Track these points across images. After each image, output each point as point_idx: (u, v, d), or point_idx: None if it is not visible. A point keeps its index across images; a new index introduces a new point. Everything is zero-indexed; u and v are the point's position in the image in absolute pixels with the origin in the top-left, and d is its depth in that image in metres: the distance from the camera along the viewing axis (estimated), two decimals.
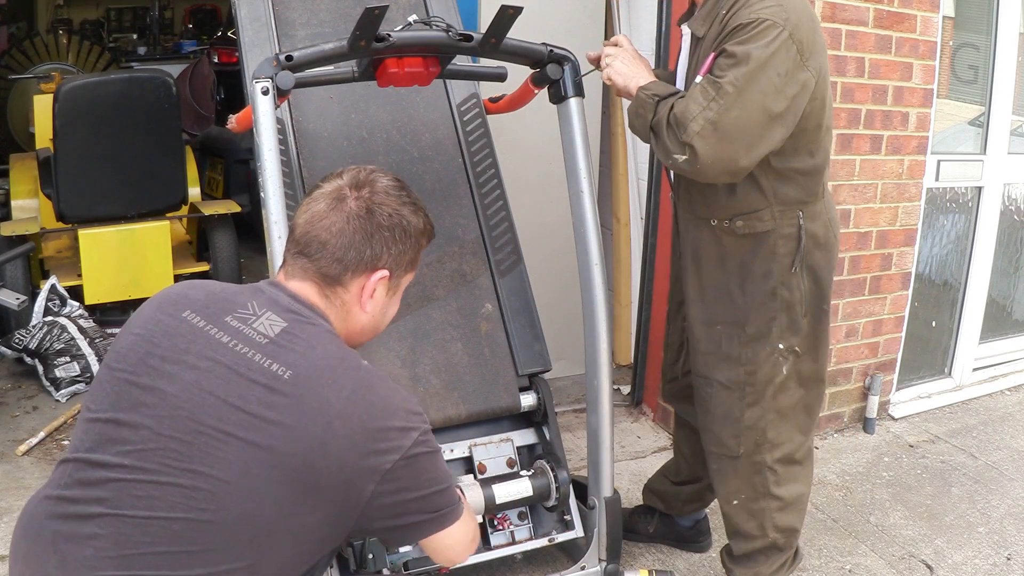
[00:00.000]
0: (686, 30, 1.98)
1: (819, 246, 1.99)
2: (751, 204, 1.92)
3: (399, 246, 1.40)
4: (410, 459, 1.26)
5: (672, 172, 2.11)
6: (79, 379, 3.46)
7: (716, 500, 2.35)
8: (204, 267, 4.10)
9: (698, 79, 1.77)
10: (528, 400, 2.35)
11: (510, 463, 2.32)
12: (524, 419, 2.40)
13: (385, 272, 1.40)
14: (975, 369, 3.85)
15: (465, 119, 2.60)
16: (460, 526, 1.38)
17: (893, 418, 3.50)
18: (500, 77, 2.44)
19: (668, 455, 2.74)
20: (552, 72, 2.16)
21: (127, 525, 1.19)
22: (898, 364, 3.48)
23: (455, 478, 1.43)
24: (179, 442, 1.21)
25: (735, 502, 2.12)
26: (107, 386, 1.30)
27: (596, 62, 2.07)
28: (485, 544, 2.24)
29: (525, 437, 2.39)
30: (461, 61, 2.35)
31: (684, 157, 1.76)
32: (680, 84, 2.02)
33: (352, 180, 1.40)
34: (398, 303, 1.50)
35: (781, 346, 1.99)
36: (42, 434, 3.08)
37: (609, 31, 3.50)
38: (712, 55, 1.78)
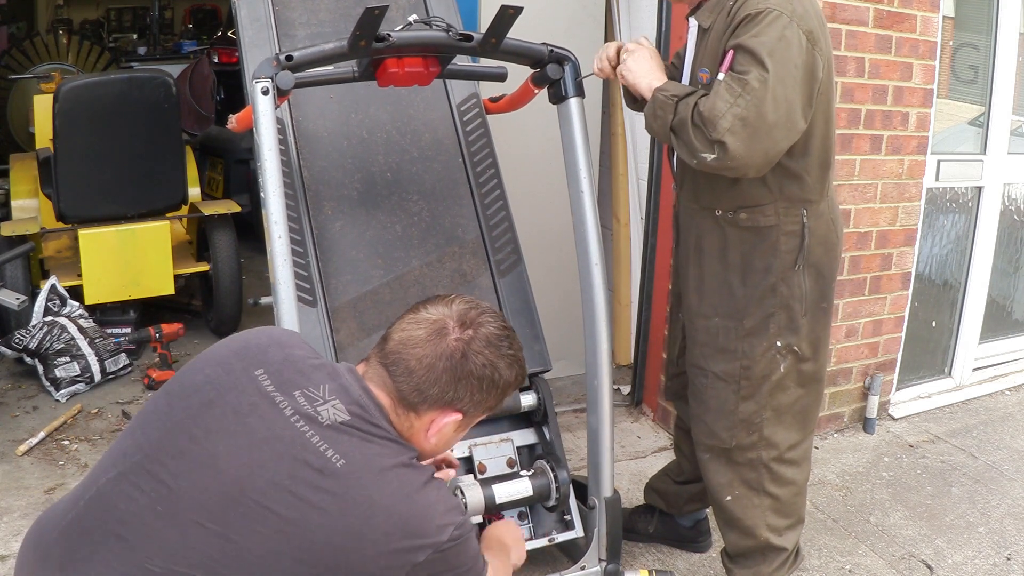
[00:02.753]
0: (693, 22, 1.99)
1: (821, 244, 1.99)
2: (756, 198, 1.93)
3: (482, 395, 1.38)
4: (443, 552, 1.28)
5: (675, 162, 2.11)
6: (79, 379, 3.46)
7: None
8: (204, 267, 4.10)
9: (720, 76, 1.78)
10: (528, 400, 2.35)
11: (510, 463, 2.32)
12: (524, 419, 2.40)
13: (459, 415, 1.38)
14: (975, 369, 3.85)
15: (465, 119, 2.60)
16: None
17: (893, 418, 3.50)
18: (500, 77, 2.44)
19: (668, 455, 2.74)
20: (552, 72, 2.16)
21: (139, 569, 1.19)
22: (898, 364, 3.48)
23: (481, 553, 1.46)
24: (217, 502, 1.21)
25: (729, 498, 2.12)
26: (162, 417, 1.29)
27: (609, 65, 2.07)
28: None
29: (525, 437, 2.39)
30: (461, 61, 2.35)
31: (713, 155, 1.76)
32: (686, 74, 2.03)
33: (460, 316, 1.37)
34: (463, 435, 1.48)
35: (779, 343, 2.00)
36: (42, 434, 3.09)
37: (609, 31, 3.51)
38: (730, 52, 1.78)
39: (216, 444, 1.24)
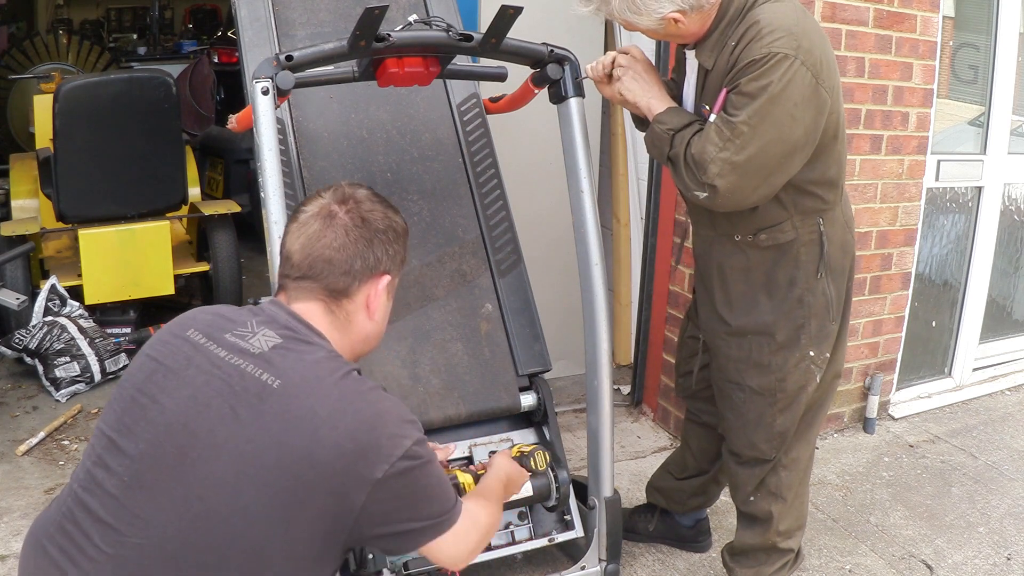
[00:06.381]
0: (691, 56, 1.94)
1: (839, 248, 2.01)
2: (773, 218, 1.93)
3: (394, 247, 1.46)
4: (402, 469, 1.26)
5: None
6: (79, 379, 3.46)
7: (719, 499, 2.36)
8: (204, 267, 4.10)
9: (712, 117, 1.78)
10: (528, 400, 2.35)
11: None
12: (524, 419, 2.40)
13: (388, 276, 1.45)
14: (975, 369, 3.85)
15: (465, 119, 2.60)
16: (458, 531, 1.37)
17: (893, 418, 3.50)
18: (500, 77, 2.44)
19: (668, 455, 2.74)
20: (552, 72, 2.16)
21: (125, 548, 1.21)
22: (898, 364, 3.48)
23: (451, 483, 1.44)
24: (173, 456, 1.23)
25: (752, 498, 2.15)
26: (116, 404, 1.34)
27: (603, 76, 2.04)
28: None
29: (525, 437, 2.39)
30: (461, 61, 2.35)
31: (705, 194, 1.80)
32: (687, 106, 2.00)
33: (336, 197, 1.44)
34: (391, 304, 1.54)
35: (812, 353, 2.01)
36: (42, 434, 3.09)
37: (609, 32, 3.50)
38: (724, 91, 1.77)
39: (163, 402, 1.28)
